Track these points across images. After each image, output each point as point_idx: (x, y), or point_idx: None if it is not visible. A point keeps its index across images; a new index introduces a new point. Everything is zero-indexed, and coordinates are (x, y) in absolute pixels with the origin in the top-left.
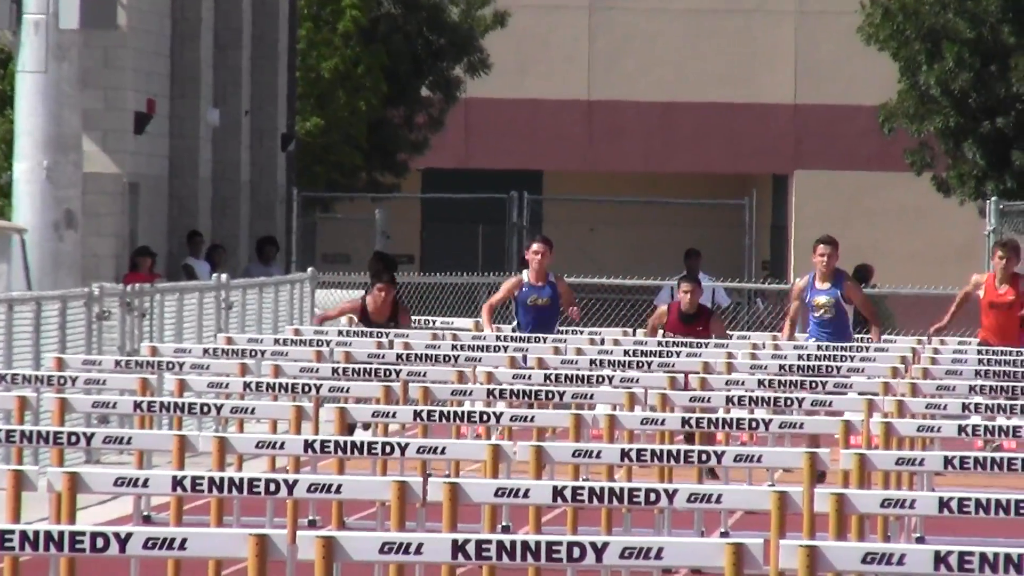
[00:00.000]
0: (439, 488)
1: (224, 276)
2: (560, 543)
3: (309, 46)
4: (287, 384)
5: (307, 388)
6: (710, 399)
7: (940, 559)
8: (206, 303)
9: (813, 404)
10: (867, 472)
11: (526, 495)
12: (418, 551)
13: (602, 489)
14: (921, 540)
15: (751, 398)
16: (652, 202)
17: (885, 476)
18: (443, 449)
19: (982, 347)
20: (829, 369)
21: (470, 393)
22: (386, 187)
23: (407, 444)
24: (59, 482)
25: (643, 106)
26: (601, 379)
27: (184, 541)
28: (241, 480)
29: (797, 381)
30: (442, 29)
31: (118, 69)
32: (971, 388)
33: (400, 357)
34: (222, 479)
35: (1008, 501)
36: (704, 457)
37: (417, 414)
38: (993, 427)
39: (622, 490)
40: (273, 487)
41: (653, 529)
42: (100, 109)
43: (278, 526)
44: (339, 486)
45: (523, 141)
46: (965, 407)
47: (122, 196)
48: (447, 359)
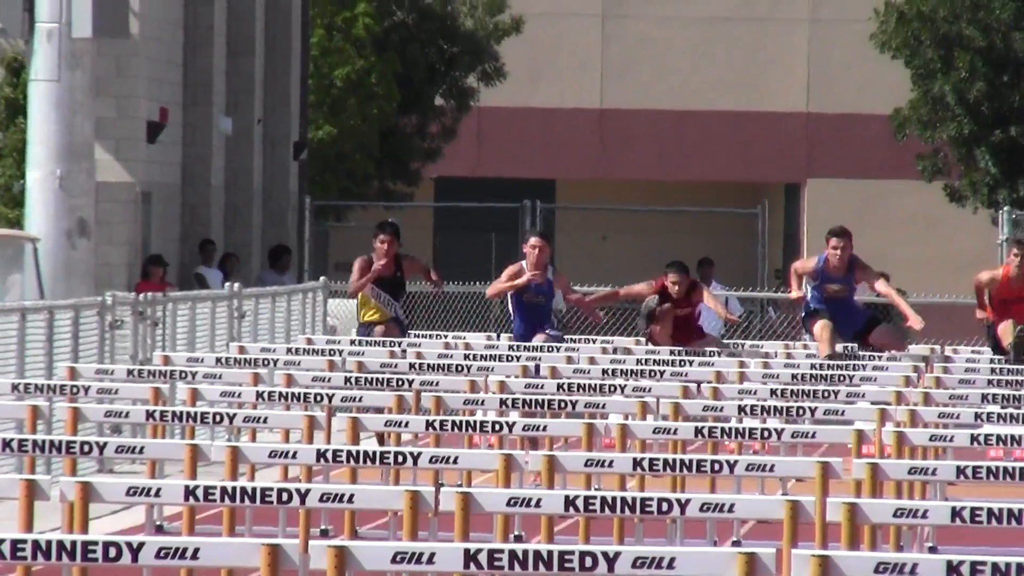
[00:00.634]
0: (451, 498)
1: (237, 285)
2: (572, 553)
3: (322, 54)
4: (299, 394)
5: (319, 397)
6: (723, 408)
7: (953, 569)
8: (219, 312)
9: (825, 413)
10: (879, 481)
11: (538, 505)
12: (430, 561)
13: (614, 499)
14: (934, 550)
15: (763, 407)
16: (664, 210)
17: (897, 485)
18: (455, 459)
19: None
20: (841, 378)
21: (482, 402)
22: (398, 195)
23: (419, 454)
24: (71, 491)
25: (655, 114)
26: (613, 388)
27: (196, 551)
28: (253, 490)
29: (809, 390)
30: (455, 37)
31: (130, 77)
32: (984, 397)
33: (413, 366)
34: (234, 489)
35: (1021, 511)
36: (717, 467)
37: (429, 423)
38: (1006, 436)
39: (634, 500)
40: (285, 497)
41: (665, 539)
42: (113, 117)
43: (290, 536)
44: (351, 496)
45: (536, 150)
46: (978, 416)
47: (135, 204)
48: (459, 369)
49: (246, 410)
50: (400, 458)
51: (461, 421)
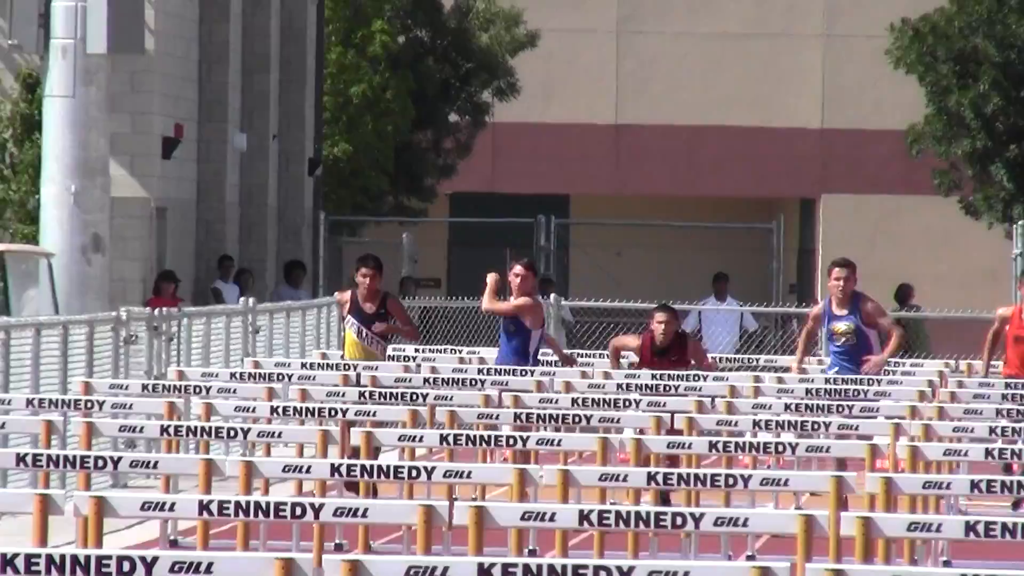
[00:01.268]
0: (465, 512)
1: (251, 300)
2: (586, 567)
3: (339, 71)
4: (314, 408)
5: (334, 412)
6: (737, 423)
7: None
8: (233, 327)
9: (840, 428)
10: (894, 496)
11: (552, 519)
12: (444, 575)
13: (628, 513)
14: (948, 564)
15: (778, 422)
16: (679, 226)
17: (912, 500)
18: (469, 473)
19: (1009, 381)
20: (856, 393)
21: (497, 417)
22: (413, 211)
23: (433, 468)
24: (86, 506)
25: (670, 130)
26: (628, 403)
27: (211, 565)
28: (268, 504)
29: (824, 405)
30: (470, 53)
31: (146, 93)
32: (998, 412)
33: (427, 381)
34: (248, 503)
35: None
36: (731, 481)
37: (444, 438)
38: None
39: (648, 514)
40: (300, 511)
41: (680, 553)
42: (128, 133)
43: (304, 550)
44: (366, 510)
45: (550, 165)
46: (992, 431)
47: (149, 220)
48: (474, 383)
49: (260, 425)
50: (414, 472)
51: (475, 435)
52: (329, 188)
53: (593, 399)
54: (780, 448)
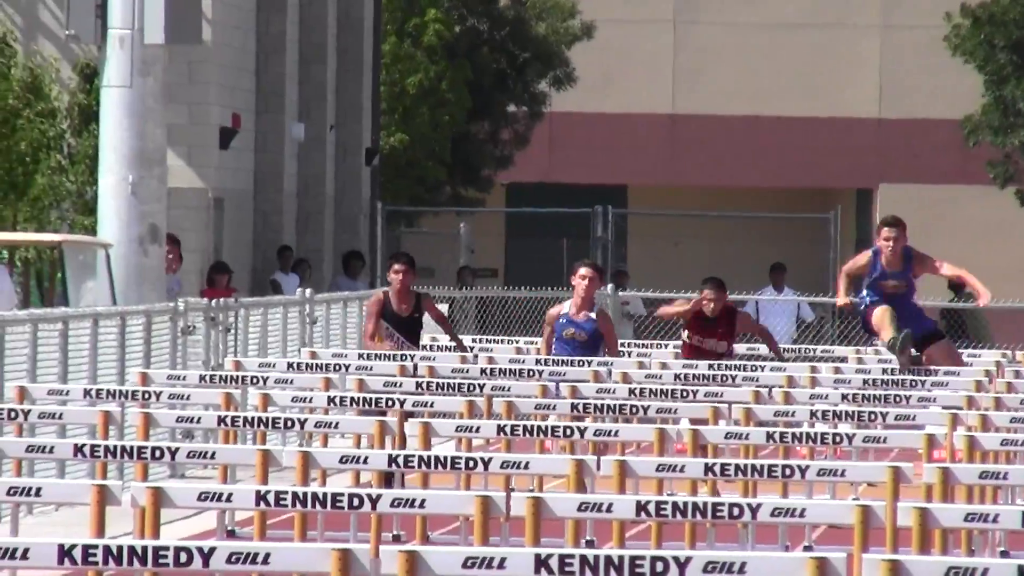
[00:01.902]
0: (522, 503)
1: (308, 291)
2: (643, 558)
3: (393, 61)
4: (371, 398)
5: (391, 403)
6: (794, 413)
7: None
8: (290, 318)
9: (896, 418)
10: (950, 486)
11: (609, 509)
12: (501, 565)
13: (685, 504)
14: (1005, 554)
15: (835, 412)
16: (736, 216)
17: (968, 490)
18: (526, 464)
19: None
20: (913, 383)
21: (554, 407)
22: (470, 201)
23: (490, 459)
24: (143, 497)
25: (727, 120)
26: (685, 393)
27: (268, 556)
28: (325, 495)
29: (880, 395)
30: (527, 43)
31: (203, 84)
32: None
33: (484, 372)
34: (306, 494)
35: None
36: (788, 471)
37: (501, 428)
38: None
39: (705, 504)
40: (357, 502)
41: (737, 543)
42: (185, 124)
43: (361, 541)
44: (423, 501)
45: (607, 155)
46: None
47: (207, 211)
48: (531, 374)
49: (317, 415)
50: (471, 463)
51: (532, 426)
52: (386, 178)
53: (650, 390)
54: (837, 439)
